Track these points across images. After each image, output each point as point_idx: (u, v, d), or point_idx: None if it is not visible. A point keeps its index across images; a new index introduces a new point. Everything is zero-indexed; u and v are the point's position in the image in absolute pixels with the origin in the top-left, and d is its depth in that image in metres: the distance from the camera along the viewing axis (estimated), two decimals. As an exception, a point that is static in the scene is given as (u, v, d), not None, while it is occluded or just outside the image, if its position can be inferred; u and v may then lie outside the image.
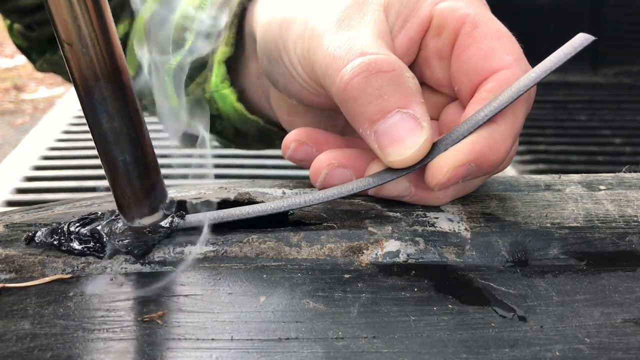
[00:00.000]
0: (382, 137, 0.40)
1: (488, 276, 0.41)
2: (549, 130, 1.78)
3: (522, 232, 0.44)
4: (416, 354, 0.35)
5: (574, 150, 1.69)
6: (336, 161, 0.45)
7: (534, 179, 0.50)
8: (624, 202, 0.47)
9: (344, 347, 0.35)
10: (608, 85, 2.12)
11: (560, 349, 0.35)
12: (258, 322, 0.36)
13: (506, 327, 0.37)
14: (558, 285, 0.40)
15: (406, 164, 0.41)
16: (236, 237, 0.42)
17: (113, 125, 0.37)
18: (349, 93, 0.41)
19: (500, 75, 0.43)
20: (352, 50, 0.41)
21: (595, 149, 1.70)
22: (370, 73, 0.40)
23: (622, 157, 1.67)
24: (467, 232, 0.43)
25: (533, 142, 1.69)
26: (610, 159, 1.65)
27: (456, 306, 0.38)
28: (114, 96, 0.37)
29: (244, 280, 0.40)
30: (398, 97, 0.40)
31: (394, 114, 0.40)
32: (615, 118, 1.87)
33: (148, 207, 0.41)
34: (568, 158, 1.65)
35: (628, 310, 0.38)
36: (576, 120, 1.85)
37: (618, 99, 2.02)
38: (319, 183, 0.46)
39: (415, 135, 0.40)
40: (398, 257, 0.42)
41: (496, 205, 0.46)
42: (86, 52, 0.35)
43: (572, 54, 0.41)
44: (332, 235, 0.42)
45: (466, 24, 0.44)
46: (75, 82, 0.36)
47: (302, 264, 0.41)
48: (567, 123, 1.84)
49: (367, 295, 0.39)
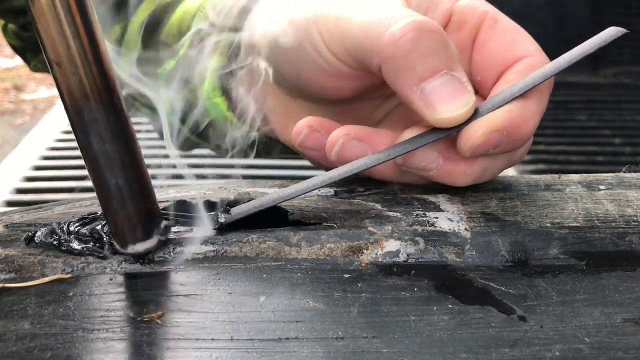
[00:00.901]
0: (430, 94, 0.41)
1: (488, 276, 0.41)
2: (549, 130, 1.78)
3: (522, 231, 0.44)
4: (416, 354, 0.35)
5: (573, 150, 1.69)
6: (353, 133, 0.46)
7: (533, 179, 0.50)
8: (624, 202, 0.47)
9: (344, 347, 0.35)
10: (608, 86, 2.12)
11: (560, 348, 0.35)
12: (258, 322, 0.36)
13: (506, 326, 0.37)
14: (558, 285, 0.40)
15: (455, 122, 0.42)
16: (236, 237, 0.42)
17: (104, 147, 0.36)
18: (401, 48, 0.41)
19: (525, 61, 0.45)
20: (395, 16, 0.42)
21: (595, 149, 1.70)
22: (422, 31, 0.41)
23: (622, 157, 1.67)
24: (467, 232, 0.43)
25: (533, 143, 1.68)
26: (610, 159, 1.65)
27: (456, 306, 0.38)
28: (105, 117, 0.35)
29: (243, 280, 0.40)
30: (446, 59, 0.42)
31: (443, 74, 0.41)
32: (615, 118, 1.87)
33: (142, 233, 0.40)
34: (568, 158, 1.65)
35: (628, 310, 0.38)
36: (576, 120, 1.85)
37: (618, 99, 2.02)
38: (334, 153, 0.46)
39: (465, 95, 0.41)
40: (398, 256, 0.42)
41: (496, 205, 0.46)
42: (75, 72, 0.33)
43: (602, 45, 0.44)
44: (332, 235, 0.42)
45: (487, 19, 0.47)
46: (64, 102, 0.35)
47: (302, 263, 0.41)
48: (567, 123, 1.84)
49: (367, 295, 0.39)
